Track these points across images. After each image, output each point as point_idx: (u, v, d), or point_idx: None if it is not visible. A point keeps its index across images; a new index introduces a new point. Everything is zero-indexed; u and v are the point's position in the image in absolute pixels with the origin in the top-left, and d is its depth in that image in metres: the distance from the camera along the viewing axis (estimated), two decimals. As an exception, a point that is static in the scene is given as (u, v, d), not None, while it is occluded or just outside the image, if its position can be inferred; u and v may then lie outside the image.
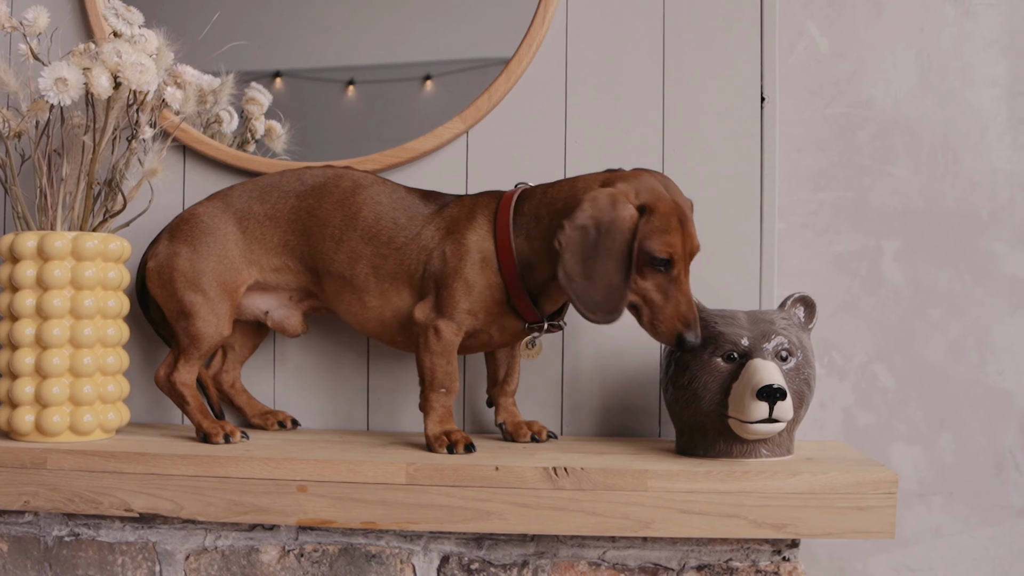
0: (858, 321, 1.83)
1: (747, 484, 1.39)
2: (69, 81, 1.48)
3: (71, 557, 1.58)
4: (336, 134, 1.80)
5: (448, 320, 1.52)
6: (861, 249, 1.83)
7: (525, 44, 1.71)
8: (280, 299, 1.69)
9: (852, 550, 1.84)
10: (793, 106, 1.83)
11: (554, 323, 1.55)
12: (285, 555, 1.54)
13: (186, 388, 1.65)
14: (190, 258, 1.62)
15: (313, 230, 1.62)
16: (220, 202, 1.67)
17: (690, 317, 1.45)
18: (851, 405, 1.84)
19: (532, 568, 1.51)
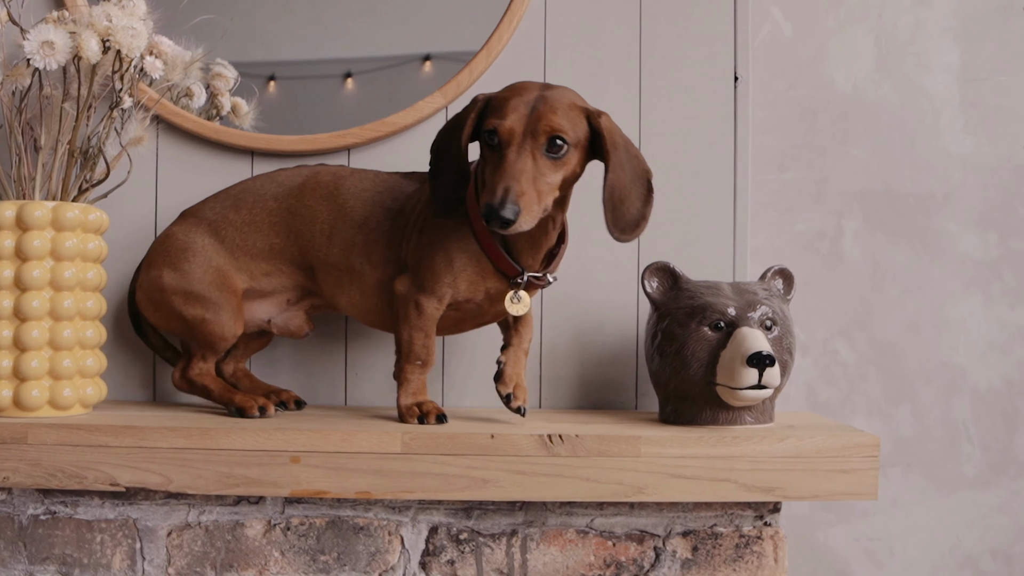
0: (819, 298, 1.88)
1: (737, 449, 1.42)
2: (56, 45, 1.44)
3: (47, 536, 1.54)
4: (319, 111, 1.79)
5: (429, 294, 1.51)
6: (822, 228, 1.88)
7: (505, 21, 1.72)
8: (278, 304, 1.66)
9: (814, 521, 1.88)
10: (757, 88, 1.87)
11: (537, 276, 1.52)
12: (271, 529, 1.53)
13: (205, 377, 1.63)
14: (176, 276, 1.60)
15: (301, 229, 1.61)
16: (191, 217, 1.65)
17: (500, 188, 1.37)
18: (813, 380, 1.89)
19: (521, 537, 1.52)
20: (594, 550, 1.52)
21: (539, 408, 1.76)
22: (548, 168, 1.40)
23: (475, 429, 1.46)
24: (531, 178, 1.39)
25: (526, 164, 1.39)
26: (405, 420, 1.52)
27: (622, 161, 1.45)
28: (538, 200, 1.39)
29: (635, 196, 1.46)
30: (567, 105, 1.43)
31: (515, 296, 1.51)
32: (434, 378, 1.77)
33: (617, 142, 1.45)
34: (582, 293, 1.76)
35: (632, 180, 1.46)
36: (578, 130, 1.42)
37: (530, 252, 1.50)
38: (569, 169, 1.43)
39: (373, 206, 1.60)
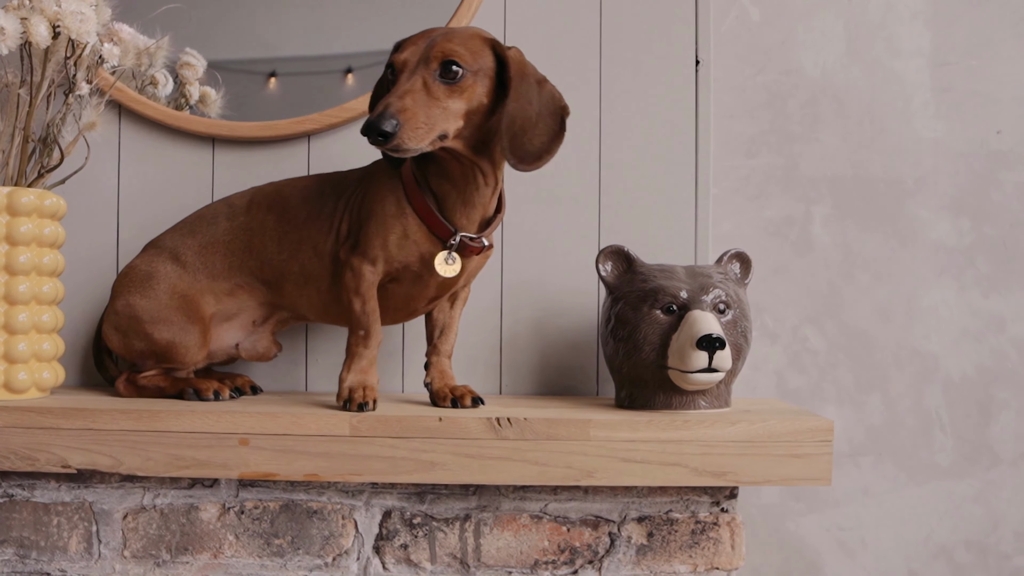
0: (789, 285, 1.87)
1: (687, 433, 1.41)
2: (6, 30, 1.46)
3: (5, 519, 1.55)
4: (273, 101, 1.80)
5: (362, 257, 1.51)
6: (791, 214, 1.87)
7: (464, 6, 1.72)
8: (244, 326, 1.67)
9: (785, 510, 1.87)
10: (725, 73, 1.86)
11: (471, 238, 1.50)
12: (225, 512, 1.53)
13: (155, 378, 1.63)
14: (143, 302, 1.60)
15: (253, 242, 1.62)
16: (151, 248, 1.67)
17: (381, 105, 1.36)
18: (783, 368, 1.87)
19: (474, 522, 1.51)
20: (548, 535, 1.51)
21: (499, 394, 1.76)
22: (443, 93, 1.40)
23: (423, 412, 1.46)
24: (419, 99, 1.38)
25: (414, 85, 1.39)
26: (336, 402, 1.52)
27: (528, 92, 1.44)
28: (427, 121, 1.38)
29: (542, 129, 1.44)
30: (468, 35, 1.44)
31: (449, 257, 1.49)
32: (394, 363, 1.77)
33: (526, 73, 1.44)
34: (542, 278, 1.76)
35: (540, 113, 1.44)
36: (480, 59, 1.42)
37: (463, 211, 1.49)
38: (472, 97, 1.42)
39: (316, 200, 1.60)
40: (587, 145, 1.75)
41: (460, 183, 1.47)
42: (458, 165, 1.47)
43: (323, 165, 1.76)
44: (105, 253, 1.80)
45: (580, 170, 1.75)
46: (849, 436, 1.87)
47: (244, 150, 1.78)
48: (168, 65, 1.76)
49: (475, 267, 1.56)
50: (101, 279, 1.80)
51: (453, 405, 1.53)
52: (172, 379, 1.62)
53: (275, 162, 1.79)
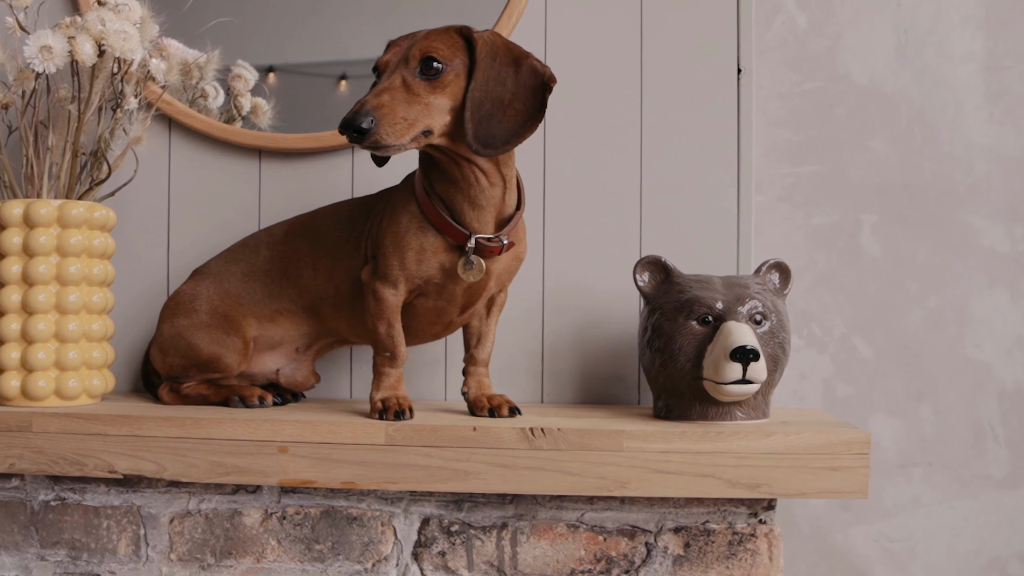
0: (836, 293, 1.85)
1: (721, 444, 1.41)
2: (54, 49, 1.50)
3: (57, 521, 1.60)
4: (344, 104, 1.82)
5: (383, 280, 1.52)
6: (839, 222, 1.85)
7: (505, 16, 1.73)
8: (288, 353, 1.70)
9: (832, 521, 1.85)
10: (771, 81, 1.85)
11: (488, 237, 1.49)
12: (268, 518, 1.56)
13: (195, 387, 1.67)
14: (186, 320, 1.65)
15: (290, 268, 1.65)
16: (197, 275, 1.71)
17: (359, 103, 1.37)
18: (831, 377, 1.86)
19: (511, 530, 1.53)
20: (584, 544, 1.52)
21: (540, 403, 1.77)
22: (424, 89, 1.40)
23: (458, 422, 1.48)
24: (398, 96, 1.38)
25: (392, 83, 1.40)
26: (370, 414, 1.54)
27: (501, 73, 1.43)
28: (406, 117, 1.38)
29: (516, 110, 1.43)
30: (445, 30, 1.44)
31: (467, 262, 1.49)
32: (437, 371, 1.79)
33: (497, 54, 1.43)
34: (584, 286, 1.76)
35: (516, 93, 1.43)
36: (457, 51, 1.42)
37: (473, 214, 1.48)
38: (456, 93, 1.42)
39: (346, 224, 1.63)
40: (628, 153, 1.75)
41: (463, 185, 1.47)
42: (456, 167, 1.46)
43: (367, 178, 1.79)
44: (156, 263, 1.85)
45: (622, 178, 1.75)
46: (899, 446, 1.85)
47: (290, 162, 1.82)
48: (219, 77, 1.80)
49: (504, 269, 1.55)
50: (152, 289, 1.85)
51: (490, 414, 1.54)
52: (216, 387, 1.66)
53: (320, 174, 1.82)
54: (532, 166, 1.77)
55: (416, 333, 1.59)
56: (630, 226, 1.75)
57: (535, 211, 1.77)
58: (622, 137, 1.75)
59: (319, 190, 1.80)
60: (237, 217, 1.83)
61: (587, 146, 1.77)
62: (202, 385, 1.66)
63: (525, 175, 1.74)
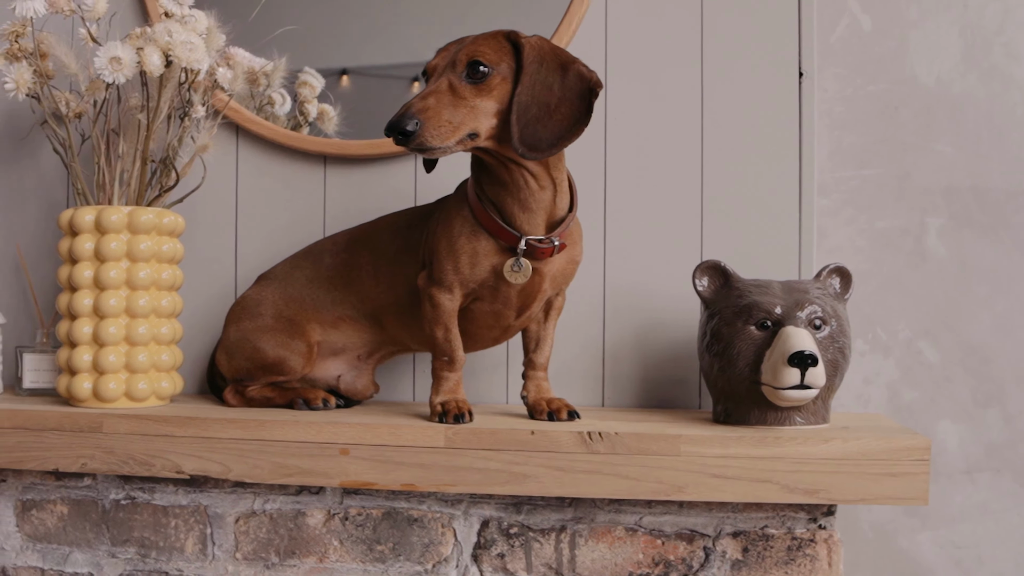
0: (902, 297, 1.83)
1: (779, 450, 1.40)
2: (123, 60, 1.54)
3: (127, 519, 1.65)
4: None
5: (439, 285, 1.54)
6: (905, 225, 1.83)
7: (565, 23, 1.74)
8: (349, 361, 1.73)
9: (898, 526, 1.84)
10: (835, 83, 1.84)
11: (539, 239, 1.50)
12: (330, 518, 1.59)
13: (259, 390, 1.71)
14: (251, 324, 1.69)
15: (352, 276, 1.68)
16: (262, 280, 1.75)
17: (404, 106, 1.39)
18: (896, 381, 1.84)
19: (570, 533, 1.53)
20: (643, 548, 1.52)
21: (601, 407, 1.77)
22: (470, 93, 1.42)
23: (516, 425, 1.49)
24: (444, 99, 1.41)
25: (438, 86, 1.42)
26: (430, 418, 1.55)
27: (548, 78, 1.44)
28: (451, 119, 1.40)
29: (563, 114, 1.44)
30: (492, 34, 1.46)
31: (515, 264, 1.50)
32: (499, 374, 1.80)
33: (544, 59, 1.44)
34: (645, 290, 1.77)
35: (563, 98, 1.44)
36: (504, 55, 1.44)
37: (524, 216, 1.50)
38: (503, 96, 1.43)
39: (404, 233, 1.65)
40: (689, 157, 1.75)
41: (513, 188, 1.48)
42: (506, 170, 1.48)
43: (430, 184, 1.81)
44: (224, 268, 1.89)
45: (683, 182, 1.75)
46: (966, 452, 1.82)
47: (354, 168, 1.84)
48: (286, 84, 1.83)
49: (558, 272, 1.55)
50: (220, 293, 1.89)
51: (549, 418, 1.55)
52: (280, 390, 1.69)
53: (383, 180, 1.84)
54: (593, 170, 1.78)
55: (475, 338, 1.61)
56: (691, 230, 1.75)
57: (596, 215, 1.77)
58: (683, 141, 1.75)
59: (382, 196, 1.83)
60: (303, 222, 1.86)
61: (648, 150, 1.77)
62: (267, 388, 1.70)
63: (585, 179, 1.75)
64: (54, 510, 1.67)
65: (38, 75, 1.66)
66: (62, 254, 1.65)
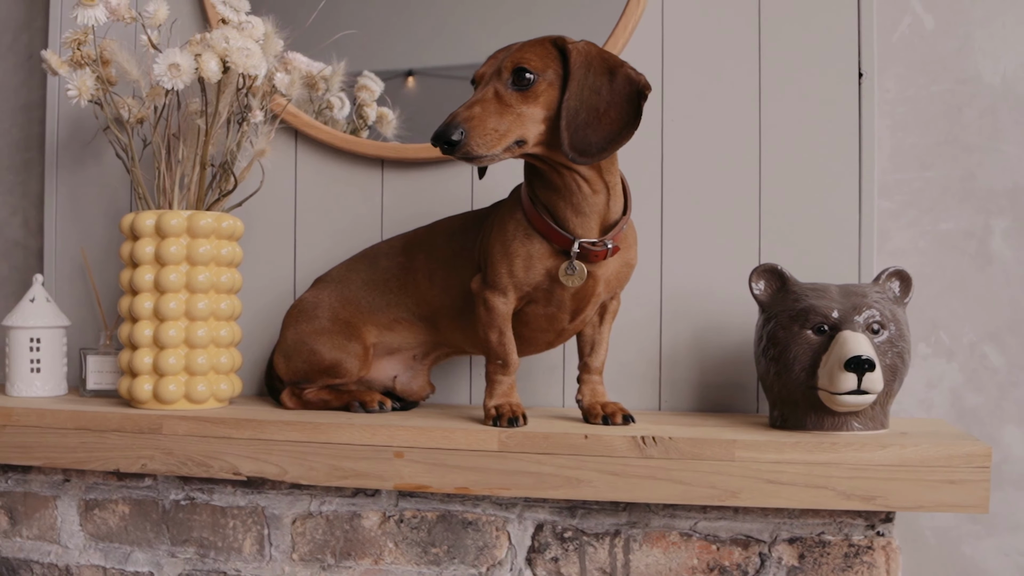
0: (966, 300, 1.80)
1: (835, 455, 1.39)
2: (181, 66, 1.57)
3: (186, 520, 1.67)
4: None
5: (493, 289, 1.54)
6: (969, 228, 1.80)
7: (620, 25, 1.73)
8: (405, 361, 1.74)
9: (961, 533, 1.80)
10: (897, 84, 1.81)
11: (592, 242, 1.49)
12: (386, 520, 1.60)
13: (316, 392, 1.72)
14: (308, 327, 1.70)
15: (407, 280, 1.69)
16: (319, 283, 1.76)
17: (450, 116, 1.40)
18: (959, 386, 1.81)
19: (624, 537, 1.53)
20: (697, 553, 1.51)
21: (658, 410, 1.76)
22: (516, 100, 1.42)
23: (570, 429, 1.49)
24: (489, 107, 1.41)
25: (484, 95, 1.42)
26: (484, 422, 1.56)
27: (596, 83, 1.43)
28: (497, 127, 1.40)
29: (612, 118, 1.43)
30: (538, 41, 1.45)
31: (570, 267, 1.50)
32: (554, 377, 1.80)
33: (591, 63, 1.44)
34: (702, 294, 1.75)
35: (612, 102, 1.43)
36: (550, 61, 1.43)
37: (577, 220, 1.49)
38: (549, 102, 1.43)
39: (460, 236, 1.66)
40: (747, 159, 1.74)
41: (565, 193, 1.48)
42: (558, 175, 1.48)
43: (486, 188, 1.81)
44: (283, 271, 1.90)
45: (740, 184, 1.74)
46: (1032, 458, 1.79)
47: (412, 172, 1.85)
48: (346, 88, 1.85)
49: (612, 275, 1.55)
50: (278, 296, 1.90)
51: (604, 422, 1.55)
52: (337, 393, 1.70)
53: (440, 184, 1.85)
54: (649, 172, 1.77)
55: (529, 341, 1.61)
56: (749, 233, 1.74)
57: (652, 217, 1.76)
58: (740, 143, 1.74)
59: (439, 200, 1.83)
60: (360, 226, 1.87)
61: (705, 152, 1.76)
62: (324, 391, 1.71)
63: (642, 181, 1.74)
64: (116, 510, 1.70)
65: (100, 82, 1.68)
66: (123, 258, 1.68)
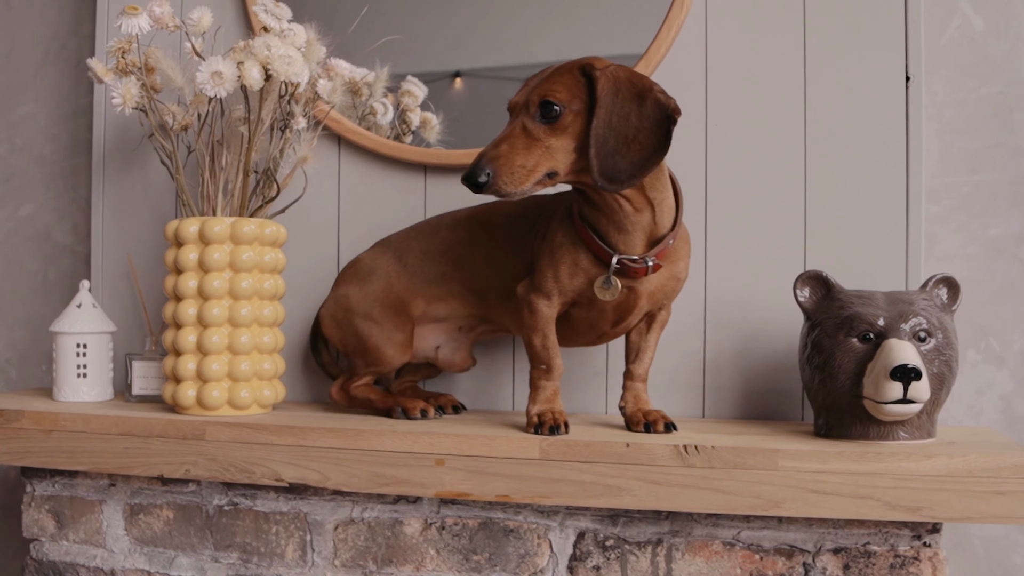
0: (1016, 306, 1.77)
1: (880, 465, 1.37)
2: (224, 74, 1.57)
3: (230, 525, 1.68)
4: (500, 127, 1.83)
5: (538, 292, 1.54)
6: (1019, 232, 1.77)
7: (663, 30, 1.72)
8: (449, 331, 1.75)
9: (1011, 543, 1.77)
10: (946, 87, 1.78)
11: (633, 259, 1.49)
12: (427, 527, 1.60)
13: (363, 389, 1.73)
14: (359, 295, 1.71)
15: (465, 255, 1.69)
16: (380, 246, 1.76)
17: (478, 155, 1.41)
18: (1010, 393, 1.78)
19: (666, 546, 1.52)
20: (740, 563, 1.50)
21: (702, 418, 1.75)
22: (544, 133, 1.41)
23: (612, 437, 1.48)
24: (517, 144, 1.41)
25: (512, 131, 1.42)
26: (526, 429, 1.55)
27: (624, 108, 1.41)
28: (525, 164, 1.40)
29: (641, 144, 1.41)
30: (566, 68, 1.44)
31: (605, 281, 1.50)
32: (598, 383, 1.79)
33: (619, 89, 1.42)
34: (747, 300, 1.74)
35: (641, 127, 1.41)
36: (577, 90, 1.42)
37: (619, 236, 1.49)
38: (578, 132, 1.42)
39: (519, 221, 1.65)
40: (792, 164, 1.72)
41: (607, 211, 1.48)
42: (598, 195, 1.47)
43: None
44: (327, 277, 1.90)
45: (785, 190, 1.72)
46: (1084, 467, 1.75)
47: (454, 177, 1.85)
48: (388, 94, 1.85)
49: (657, 289, 1.54)
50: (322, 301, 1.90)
51: (646, 430, 1.54)
52: (382, 395, 1.71)
53: (481, 188, 1.85)
54: (693, 178, 1.76)
55: (569, 338, 1.62)
56: (794, 239, 1.72)
57: (696, 223, 1.75)
58: (785, 148, 1.72)
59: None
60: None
61: (749, 157, 1.74)
62: (371, 389, 1.72)
63: (685, 187, 1.72)
64: (160, 515, 1.71)
65: (145, 89, 1.69)
66: (168, 264, 1.69)
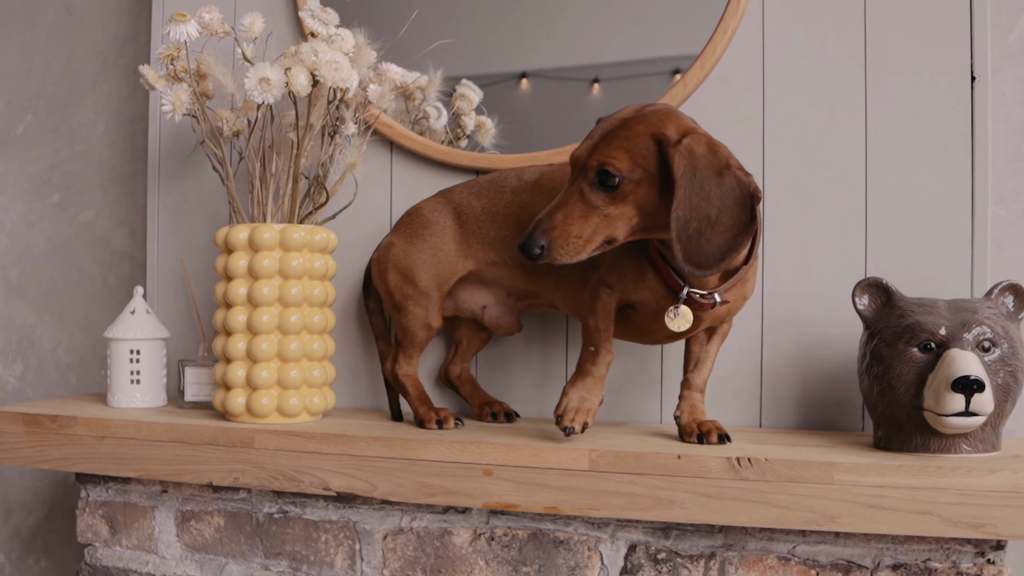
0: (1089, 314, 1.71)
1: (941, 480, 1.32)
2: (272, 81, 1.56)
3: (279, 533, 1.67)
4: (565, 128, 1.82)
5: (602, 282, 1.51)
6: (1093, 237, 1.71)
7: (719, 31, 1.68)
8: (498, 296, 1.72)
9: (1083, 560, 1.71)
10: (1014, 87, 1.72)
11: (702, 293, 1.45)
12: (476, 538, 1.58)
13: (408, 379, 1.72)
14: (404, 249, 1.69)
15: (525, 223, 1.63)
16: (442, 197, 1.72)
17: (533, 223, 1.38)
18: (1082, 405, 1.72)
19: (719, 560, 1.48)
20: (796, 578, 1.46)
21: (759, 427, 1.71)
22: (602, 202, 1.37)
23: (662, 448, 1.45)
24: (573, 212, 1.37)
25: (569, 198, 1.38)
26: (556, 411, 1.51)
27: (705, 187, 1.34)
28: (581, 234, 1.36)
29: (725, 224, 1.35)
30: (634, 133, 1.37)
31: (674, 311, 1.45)
32: (653, 391, 1.76)
33: (698, 167, 1.34)
34: (806, 308, 1.69)
35: (723, 207, 1.34)
36: (639, 160, 1.36)
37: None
38: (639, 200, 1.37)
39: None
40: (852, 170, 1.67)
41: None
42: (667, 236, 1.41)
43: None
44: (378, 282, 1.89)
45: (845, 196, 1.67)
46: None
47: (505, 182, 1.82)
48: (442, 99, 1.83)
49: (723, 310, 1.49)
50: (374, 308, 1.90)
51: (699, 440, 1.50)
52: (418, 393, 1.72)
53: (536, 193, 1.82)
54: (751, 182, 1.72)
55: (626, 334, 1.59)
56: (855, 245, 1.67)
57: (754, 229, 1.71)
58: (845, 152, 1.67)
59: (533, 210, 1.80)
60: (456, 237, 1.86)
61: (808, 160, 1.69)
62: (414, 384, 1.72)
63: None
64: (211, 521, 1.71)
65: (196, 95, 1.69)
66: (219, 271, 1.69)
